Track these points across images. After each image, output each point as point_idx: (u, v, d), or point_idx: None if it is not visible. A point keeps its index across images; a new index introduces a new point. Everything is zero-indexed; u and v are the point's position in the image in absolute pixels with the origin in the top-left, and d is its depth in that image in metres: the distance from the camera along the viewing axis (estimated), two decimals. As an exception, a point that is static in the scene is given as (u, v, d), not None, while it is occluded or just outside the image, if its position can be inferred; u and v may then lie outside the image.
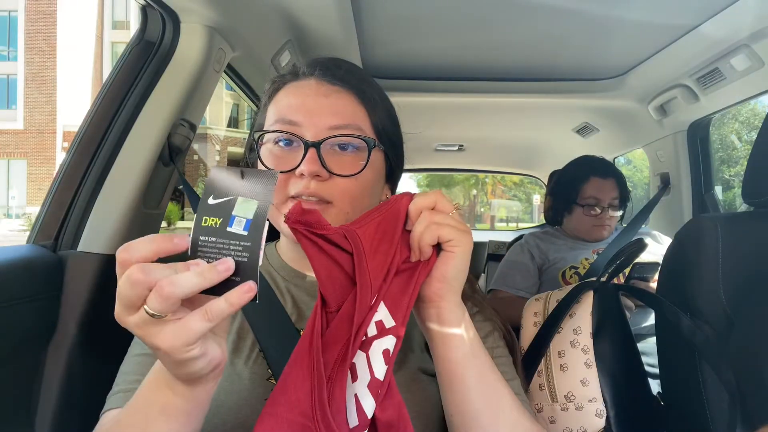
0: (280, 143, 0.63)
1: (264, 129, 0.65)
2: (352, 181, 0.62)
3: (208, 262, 0.39)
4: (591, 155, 1.75)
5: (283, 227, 0.64)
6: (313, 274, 0.69)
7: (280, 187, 0.62)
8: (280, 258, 0.73)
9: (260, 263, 0.39)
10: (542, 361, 0.98)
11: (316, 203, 0.61)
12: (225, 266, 0.39)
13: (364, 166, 0.63)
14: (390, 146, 0.69)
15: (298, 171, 0.60)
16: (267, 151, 0.64)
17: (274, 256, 0.74)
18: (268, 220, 0.40)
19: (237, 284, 0.39)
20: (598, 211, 1.61)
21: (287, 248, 0.72)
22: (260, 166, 0.64)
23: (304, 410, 0.42)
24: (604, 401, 0.92)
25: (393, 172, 0.71)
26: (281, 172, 0.61)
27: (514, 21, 1.33)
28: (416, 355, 0.64)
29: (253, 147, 0.67)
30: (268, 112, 0.67)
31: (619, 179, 1.64)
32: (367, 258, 0.47)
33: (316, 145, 0.60)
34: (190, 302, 0.39)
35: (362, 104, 0.66)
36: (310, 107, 0.63)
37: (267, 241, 0.79)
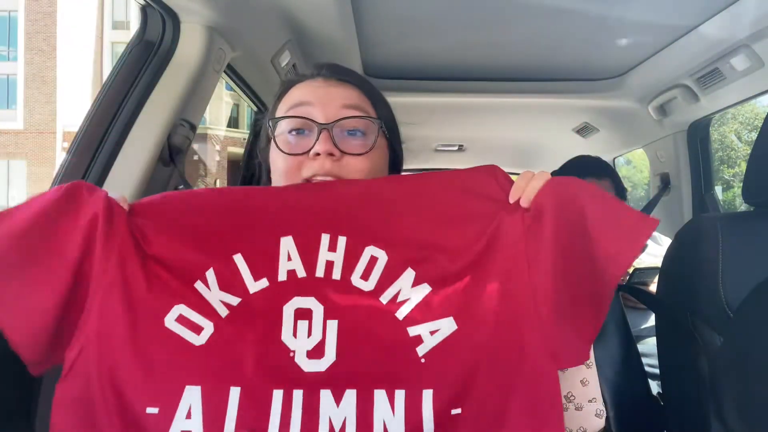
0: (293, 133, 0.67)
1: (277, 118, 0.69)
2: (363, 161, 0.65)
3: None
4: (586, 155, 1.74)
5: None
6: None
7: (294, 171, 0.65)
8: None
9: None
10: (542, 361, 0.98)
11: None
12: None
13: (373, 145, 0.66)
14: (392, 137, 0.73)
15: (312, 151, 0.64)
16: (281, 140, 0.67)
17: None
18: None
19: None
20: (597, 211, 1.60)
21: None
22: (275, 153, 0.67)
23: None
24: (604, 401, 0.92)
25: (395, 165, 0.75)
26: (296, 154, 0.65)
27: (514, 21, 1.33)
28: None
29: (260, 137, 0.74)
30: (278, 109, 0.71)
31: (614, 179, 1.63)
32: None
33: (329, 126, 0.64)
34: None
35: (368, 98, 0.70)
36: (320, 94, 0.67)
37: None
